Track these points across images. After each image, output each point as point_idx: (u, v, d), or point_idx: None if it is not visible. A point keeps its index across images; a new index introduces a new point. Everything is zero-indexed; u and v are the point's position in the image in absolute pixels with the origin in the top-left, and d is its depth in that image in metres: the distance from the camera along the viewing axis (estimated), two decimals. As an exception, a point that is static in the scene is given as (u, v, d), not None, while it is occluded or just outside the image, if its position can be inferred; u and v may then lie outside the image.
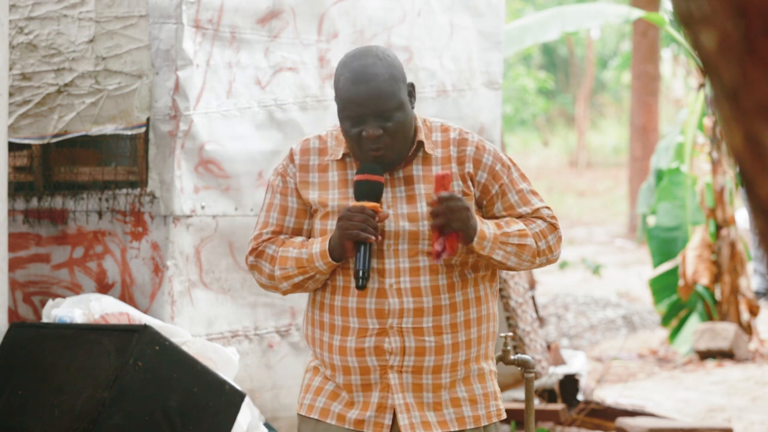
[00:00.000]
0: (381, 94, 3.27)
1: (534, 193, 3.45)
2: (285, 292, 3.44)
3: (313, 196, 3.39)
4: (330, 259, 3.31)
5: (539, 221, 3.39)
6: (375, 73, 3.28)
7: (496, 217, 3.39)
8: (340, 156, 3.37)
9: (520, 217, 3.39)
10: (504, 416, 3.47)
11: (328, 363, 3.39)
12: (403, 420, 3.33)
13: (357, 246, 3.27)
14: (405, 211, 3.33)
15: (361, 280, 3.27)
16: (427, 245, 3.31)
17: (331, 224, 3.35)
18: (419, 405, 3.34)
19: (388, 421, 3.34)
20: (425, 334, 3.32)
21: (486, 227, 3.30)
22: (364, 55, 3.32)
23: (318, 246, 3.33)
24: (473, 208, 3.34)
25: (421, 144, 3.36)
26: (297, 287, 3.40)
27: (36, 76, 5.35)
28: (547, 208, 3.44)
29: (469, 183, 3.35)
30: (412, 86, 3.37)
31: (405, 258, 3.32)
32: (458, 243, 3.27)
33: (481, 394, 3.41)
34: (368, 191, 3.30)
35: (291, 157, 3.44)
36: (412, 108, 3.36)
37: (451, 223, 3.22)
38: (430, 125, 3.40)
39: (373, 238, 3.25)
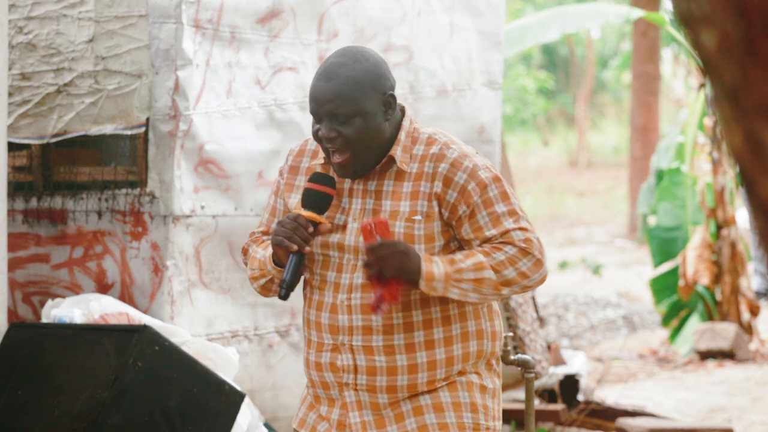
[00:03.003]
0: (338, 96, 3.17)
1: (512, 213, 3.20)
2: (261, 294, 3.39)
3: (293, 200, 3.32)
4: (274, 264, 3.25)
5: (507, 247, 3.16)
6: (339, 74, 3.18)
7: (466, 240, 3.21)
8: (323, 160, 3.30)
9: (487, 240, 3.18)
10: None
11: (307, 377, 3.37)
12: None
13: (289, 255, 3.20)
14: None
15: (282, 290, 3.20)
16: None
17: None
18: (379, 422, 3.23)
19: None
20: (375, 353, 3.20)
21: (435, 266, 3.11)
22: (343, 54, 3.24)
23: (269, 249, 3.29)
24: (438, 229, 3.19)
25: (392, 158, 3.22)
26: (265, 290, 3.34)
27: (35, 75, 5.34)
28: (522, 229, 3.18)
29: (434, 203, 3.19)
30: (391, 97, 3.22)
31: (360, 274, 3.20)
32: (399, 290, 3.12)
33: (450, 402, 3.25)
34: (314, 201, 3.22)
35: (286, 158, 3.41)
36: (386, 120, 3.21)
37: (384, 272, 3.08)
38: (417, 137, 3.25)
39: (295, 247, 3.16)
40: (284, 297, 3.22)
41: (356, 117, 3.17)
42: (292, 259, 3.20)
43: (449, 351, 3.24)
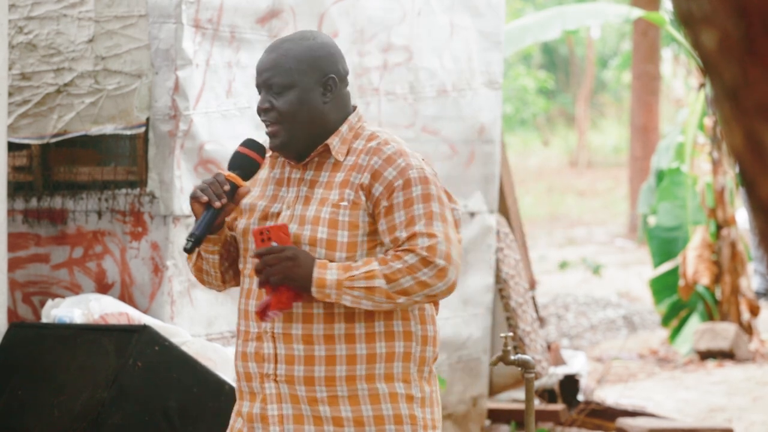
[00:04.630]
0: (274, 67, 3.20)
1: (428, 216, 3.13)
2: (200, 281, 3.38)
3: (241, 189, 3.32)
4: None
5: (408, 256, 3.09)
6: (281, 47, 3.22)
7: (380, 235, 3.17)
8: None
9: (396, 241, 3.13)
10: None
11: (234, 370, 3.33)
12: (274, 431, 3.19)
13: (203, 211, 3.19)
14: (298, 213, 3.21)
15: (187, 242, 3.18)
16: (308, 248, 3.16)
17: (242, 222, 3.28)
18: (297, 417, 3.19)
19: None
20: (294, 342, 3.17)
21: (329, 273, 3.08)
22: (295, 33, 3.29)
23: None
24: (362, 218, 3.17)
25: (328, 147, 3.21)
26: (198, 270, 3.33)
27: (35, 75, 5.34)
28: (430, 235, 3.10)
29: (361, 194, 3.17)
30: (332, 80, 3.22)
31: None
32: (290, 297, 3.09)
33: (372, 416, 3.17)
34: (238, 164, 3.24)
35: None
36: (325, 102, 3.22)
37: (269, 278, 3.07)
38: (360, 133, 3.25)
39: (205, 198, 3.16)
40: (188, 249, 3.18)
41: (290, 90, 3.19)
42: (204, 214, 3.18)
43: (371, 348, 3.18)
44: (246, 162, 3.25)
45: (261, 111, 3.22)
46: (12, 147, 5.29)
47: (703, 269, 9.88)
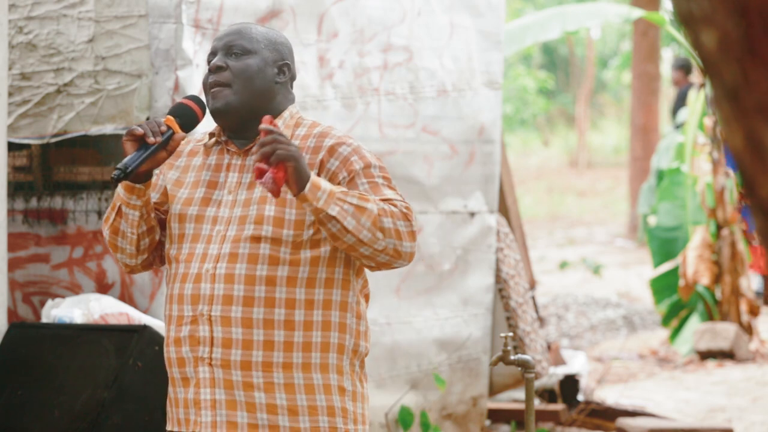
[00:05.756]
0: (240, 32, 3.29)
1: (392, 189, 3.20)
2: (112, 247, 3.31)
3: (171, 175, 3.34)
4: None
5: (389, 205, 3.12)
6: (249, 24, 3.35)
7: None
8: (206, 140, 3.36)
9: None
10: None
11: (166, 358, 3.31)
12: (205, 416, 3.19)
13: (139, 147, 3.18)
14: (242, 197, 3.23)
15: (117, 172, 3.15)
16: (252, 230, 3.17)
17: (177, 208, 3.28)
18: (230, 403, 3.17)
19: (204, 419, 3.20)
20: (233, 325, 3.15)
21: (322, 181, 3.07)
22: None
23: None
24: None
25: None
26: (114, 231, 3.27)
27: (35, 75, 5.34)
28: (402, 201, 3.16)
29: (316, 170, 3.19)
30: (287, 67, 3.32)
31: (228, 244, 3.18)
32: (283, 180, 3.02)
33: (306, 406, 3.18)
34: (180, 113, 3.27)
35: None
36: (276, 82, 3.29)
37: (278, 153, 3.00)
38: (300, 122, 3.31)
39: (140, 130, 3.16)
40: (116, 178, 3.15)
41: (250, 56, 3.27)
42: (138, 151, 3.17)
43: (308, 336, 3.19)
44: (188, 112, 3.28)
45: (213, 69, 3.26)
46: (12, 147, 5.29)
47: (704, 269, 9.88)
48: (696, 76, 11.14)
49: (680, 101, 15.01)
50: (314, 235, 3.20)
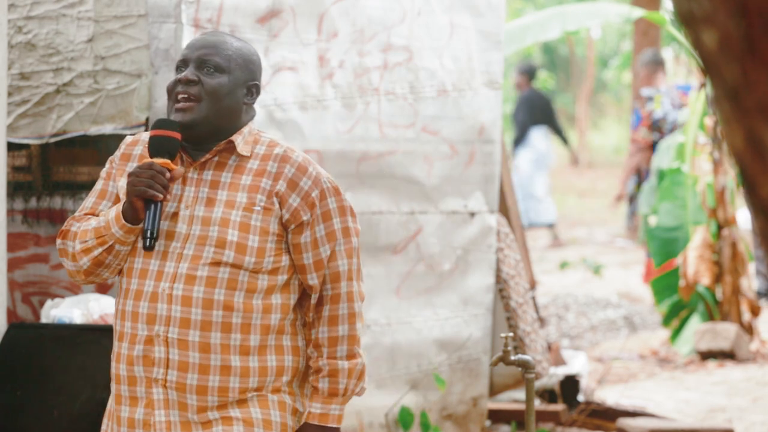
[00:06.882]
0: (215, 47, 3.23)
1: (345, 232, 3.25)
2: (87, 273, 3.26)
3: (123, 182, 3.27)
4: (124, 222, 3.16)
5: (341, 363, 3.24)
6: (225, 36, 3.29)
7: (299, 246, 3.21)
8: None
9: (319, 262, 3.21)
10: None
11: (113, 374, 3.26)
12: None
13: (147, 205, 3.14)
14: (201, 214, 3.19)
15: (148, 240, 3.12)
16: (213, 253, 3.15)
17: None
18: (185, 425, 3.15)
19: None
20: (190, 349, 3.13)
21: (318, 415, 3.27)
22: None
23: (114, 211, 3.21)
24: (273, 226, 3.18)
25: (232, 144, 3.22)
26: (97, 264, 3.23)
27: (35, 75, 5.34)
28: (349, 294, 3.27)
29: (275, 201, 3.18)
30: (255, 87, 3.28)
31: (186, 263, 3.15)
32: None
33: (260, 419, 3.18)
34: (162, 147, 3.18)
35: (119, 147, 3.37)
36: (244, 102, 3.26)
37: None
38: (259, 138, 3.27)
39: (161, 195, 3.12)
40: (150, 248, 3.13)
41: (223, 75, 3.21)
42: (154, 207, 3.13)
43: (263, 360, 3.19)
44: (167, 141, 3.18)
45: (184, 82, 3.20)
46: (11, 147, 5.29)
47: (704, 269, 9.88)
48: (696, 76, 11.17)
49: (521, 106, 15.51)
50: (274, 263, 3.19)
